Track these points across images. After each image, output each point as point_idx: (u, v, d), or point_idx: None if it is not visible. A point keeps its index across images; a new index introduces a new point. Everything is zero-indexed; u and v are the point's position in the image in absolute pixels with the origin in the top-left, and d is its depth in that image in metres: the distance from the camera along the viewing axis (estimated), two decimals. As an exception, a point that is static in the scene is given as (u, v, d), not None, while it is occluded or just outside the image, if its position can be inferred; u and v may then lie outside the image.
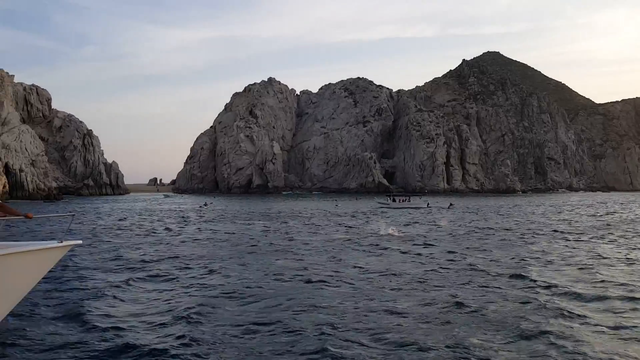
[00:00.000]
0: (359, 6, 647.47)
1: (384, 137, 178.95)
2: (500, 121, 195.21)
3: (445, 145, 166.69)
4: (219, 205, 72.99)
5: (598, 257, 18.70)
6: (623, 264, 16.99)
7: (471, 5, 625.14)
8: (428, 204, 67.84)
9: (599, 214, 49.92)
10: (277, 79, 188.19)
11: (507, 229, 31.50)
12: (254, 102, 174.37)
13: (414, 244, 22.82)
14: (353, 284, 13.28)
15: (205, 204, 68.60)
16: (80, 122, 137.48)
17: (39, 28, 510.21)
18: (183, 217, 46.03)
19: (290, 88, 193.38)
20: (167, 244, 23.35)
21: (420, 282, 13.70)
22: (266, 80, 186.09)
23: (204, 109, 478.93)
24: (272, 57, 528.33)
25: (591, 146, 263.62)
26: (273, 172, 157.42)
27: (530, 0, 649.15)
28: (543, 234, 28.19)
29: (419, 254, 19.31)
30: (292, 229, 32.32)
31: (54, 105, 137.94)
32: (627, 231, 30.07)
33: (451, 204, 67.26)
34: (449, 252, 20.01)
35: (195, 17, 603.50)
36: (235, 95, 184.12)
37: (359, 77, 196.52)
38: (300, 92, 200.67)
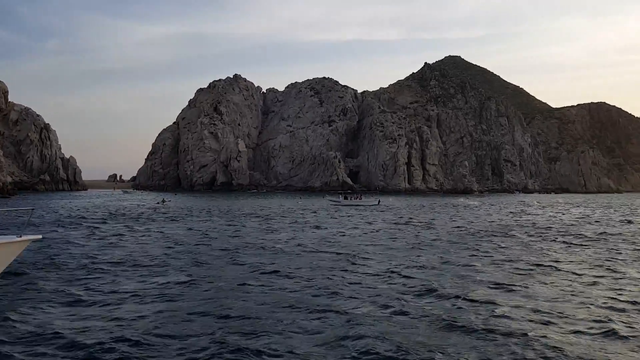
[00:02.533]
0: (327, 7, 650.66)
1: (348, 136, 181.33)
2: (460, 123, 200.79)
3: (407, 146, 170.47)
4: (179, 202, 72.68)
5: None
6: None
7: (435, 10, 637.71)
8: (379, 201, 71.11)
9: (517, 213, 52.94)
10: (243, 77, 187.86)
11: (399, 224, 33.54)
12: (219, 98, 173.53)
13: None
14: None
15: (164, 201, 68.28)
16: (38, 115, 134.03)
17: (1, 20, 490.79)
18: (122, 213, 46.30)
19: (256, 86, 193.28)
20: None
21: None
22: (232, 77, 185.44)
23: (167, 105, 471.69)
24: (239, 55, 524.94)
25: (547, 149, 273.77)
26: (238, 169, 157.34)
27: (491, 7, 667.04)
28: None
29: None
30: (242, 227, 33.51)
31: (12, 99, 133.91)
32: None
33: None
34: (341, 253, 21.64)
35: (161, 12, 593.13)
36: (200, 91, 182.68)
37: (324, 77, 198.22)
38: (267, 90, 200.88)
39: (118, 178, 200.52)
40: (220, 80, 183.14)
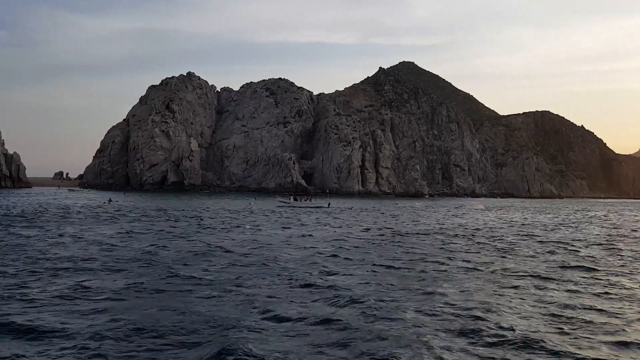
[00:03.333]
0: (286, 9, 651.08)
1: (303, 138, 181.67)
2: (412, 128, 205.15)
3: (361, 149, 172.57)
4: (126, 202, 70.70)
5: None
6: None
7: (391, 17, 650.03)
8: (329, 204, 71.21)
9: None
10: (197, 75, 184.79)
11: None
12: (172, 96, 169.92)
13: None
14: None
15: (110, 200, 66.40)
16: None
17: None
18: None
19: (210, 84, 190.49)
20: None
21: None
22: (185, 74, 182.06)
23: (117, 101, 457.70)
24: (193, 52, 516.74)
25: (494, 155, 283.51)
26: (190, 169, 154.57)
27: (444, 16, 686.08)
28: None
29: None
30: (173, 228, 33.11)
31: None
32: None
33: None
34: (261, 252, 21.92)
35: (114, 7, 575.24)
36: (152, 88, 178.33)
37: (280, 78, 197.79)
38: (221, 89, 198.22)
39: (64, 176, 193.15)
40: (173, 77, 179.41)
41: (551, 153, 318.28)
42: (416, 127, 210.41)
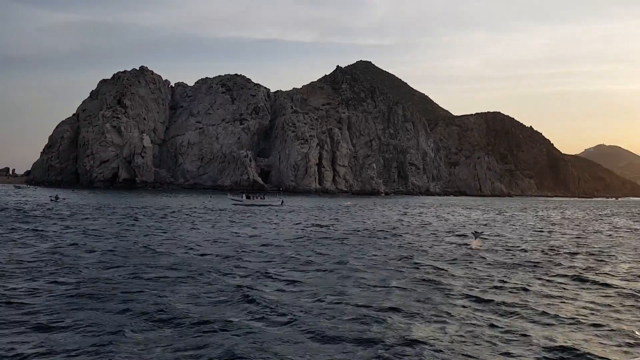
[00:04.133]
0: (243, 5, 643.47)
1: (260, 135, 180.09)
2: (369, 127, 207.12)
3: (318, 147, 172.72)
4: (73, 199, 67.62)
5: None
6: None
7: (349, 16, 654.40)
8: (282, 202, 70.17)
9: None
10: (150, 69, 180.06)
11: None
12: (124, 91, 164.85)
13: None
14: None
15: (57, 197, 63.58)
16: None
17: None
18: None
19: (164, 79, 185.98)
20: None
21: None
22: (138, 69, 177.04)
23: (67, 96, 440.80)
24: (147, 47, 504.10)
25: (447, 154, 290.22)
26: (142, 166, 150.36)
27: (402, 17, 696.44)
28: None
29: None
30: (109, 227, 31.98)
31: None
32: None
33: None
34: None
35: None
36: (103, 82, 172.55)
37: (237, 74, 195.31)
38: (175, 84, 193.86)
39: (10, 172, 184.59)
40: (125, 71, 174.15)
41: (501, 153, 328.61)
42: (373, 126, 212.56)
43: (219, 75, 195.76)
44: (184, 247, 21.75)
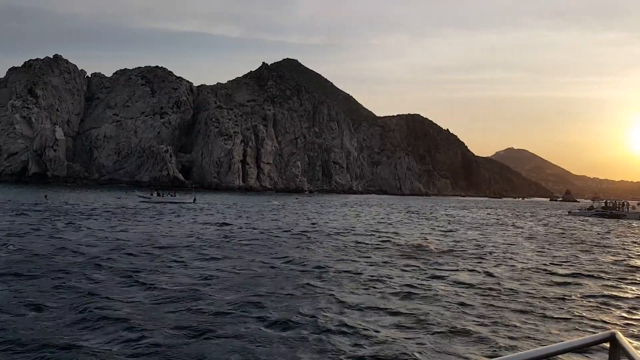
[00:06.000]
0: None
1: (182, 130, 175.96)
2: (294, 125, 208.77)
3: (243, 144, 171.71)
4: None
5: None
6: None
7: (277, 14, 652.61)
8: (194, 199, 67.76)
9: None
10: (65, 58, 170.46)
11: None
12: (35, 80, 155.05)
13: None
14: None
15: None
16: None
17: None
18: None
19: (80, 69, 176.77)
20: None
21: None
22: (51, 57, 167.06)
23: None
24: (61, 34, 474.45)
25: (370, 154, 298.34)
26: (54, 159, 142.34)
27: (329, 18, 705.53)
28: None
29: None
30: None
31: None
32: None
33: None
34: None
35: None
36: (13, 70, 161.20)
37: (158, 66, 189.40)
38: (92, 74, 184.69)
39: None
40: (37, 59, 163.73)
41: (420, 153, 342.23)
42: (298, 124, 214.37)
43: (139, 67, 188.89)
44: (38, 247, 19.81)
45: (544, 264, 20.81)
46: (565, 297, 14.25)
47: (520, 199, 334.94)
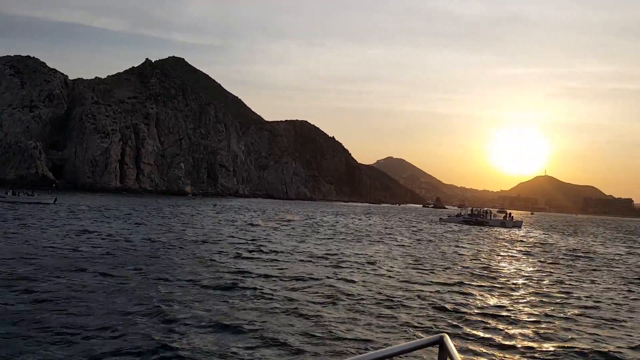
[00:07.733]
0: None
1: (54, 126, 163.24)
2: (179, 125, 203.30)
3: (121, 143, 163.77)
4: None
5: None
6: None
7: (164, 10, 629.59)
8: (55, 200, 63.77)
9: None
10: None
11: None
12: None
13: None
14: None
15: None
16: None
17: None
18: None
19: None
20: None
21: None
22: None
23: None
24: None
25: (258, 158, 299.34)
26: None
27: (219, 20, 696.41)
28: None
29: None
30: None
31: None
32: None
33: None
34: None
35: None
36: None
37: (29, 56, 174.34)
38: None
39: None
40: None
41: (307, 159, 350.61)
42: (183, 124, 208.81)
43: (8, 56, 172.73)
44: None
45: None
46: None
47: (397, 205, 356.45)
